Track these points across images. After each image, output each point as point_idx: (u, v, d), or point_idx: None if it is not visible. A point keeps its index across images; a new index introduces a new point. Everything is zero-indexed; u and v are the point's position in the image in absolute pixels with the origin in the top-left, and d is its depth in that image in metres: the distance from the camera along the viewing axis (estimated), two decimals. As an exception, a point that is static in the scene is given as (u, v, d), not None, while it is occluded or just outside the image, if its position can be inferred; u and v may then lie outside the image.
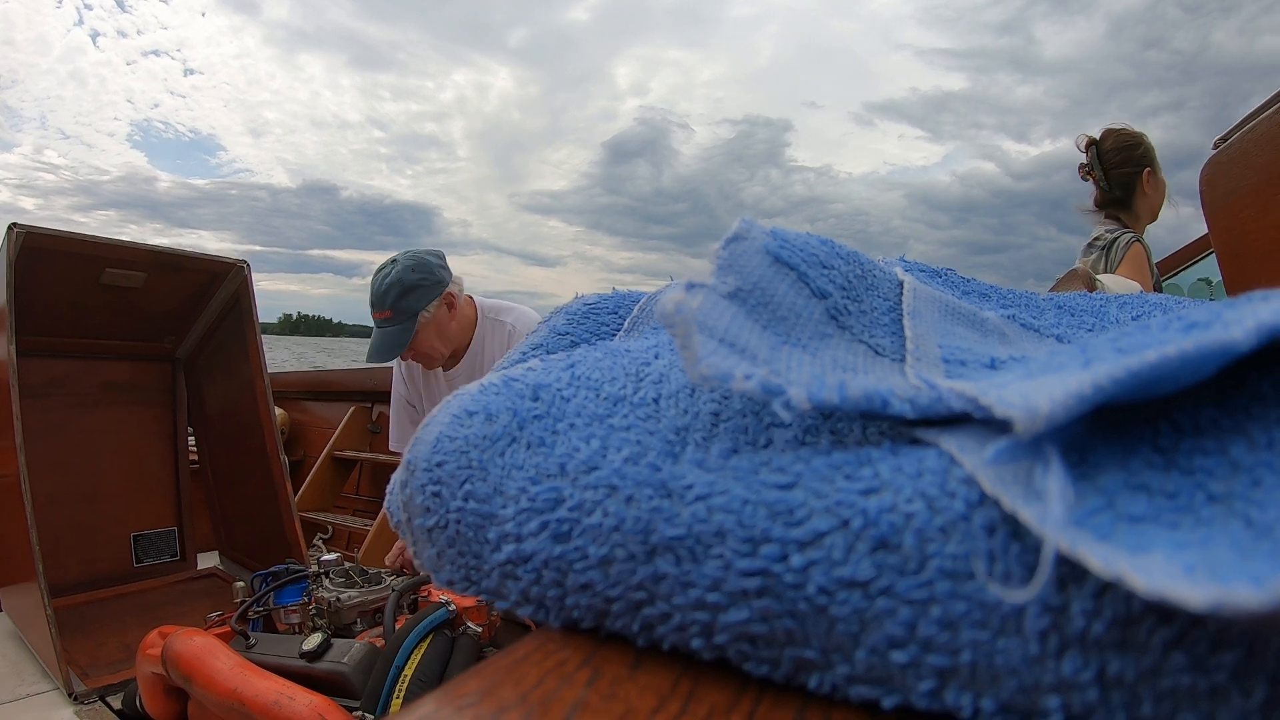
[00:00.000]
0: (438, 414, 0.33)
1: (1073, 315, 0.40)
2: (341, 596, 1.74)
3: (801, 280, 0.29)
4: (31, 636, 2.55)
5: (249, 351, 3.09)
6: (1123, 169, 2.17)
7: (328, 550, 1.95)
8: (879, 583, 0.19)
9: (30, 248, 2.54)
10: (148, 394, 3.39)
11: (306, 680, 1.35)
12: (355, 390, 4.08)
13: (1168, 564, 0.15)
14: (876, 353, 0.29)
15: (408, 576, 1.86)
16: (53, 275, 2.73)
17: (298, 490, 3.50)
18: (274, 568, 1.93)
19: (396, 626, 1.45)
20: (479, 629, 1.50)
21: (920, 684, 0.19)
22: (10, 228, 2.47)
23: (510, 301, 2.23)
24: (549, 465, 0.27)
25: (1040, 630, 0.18)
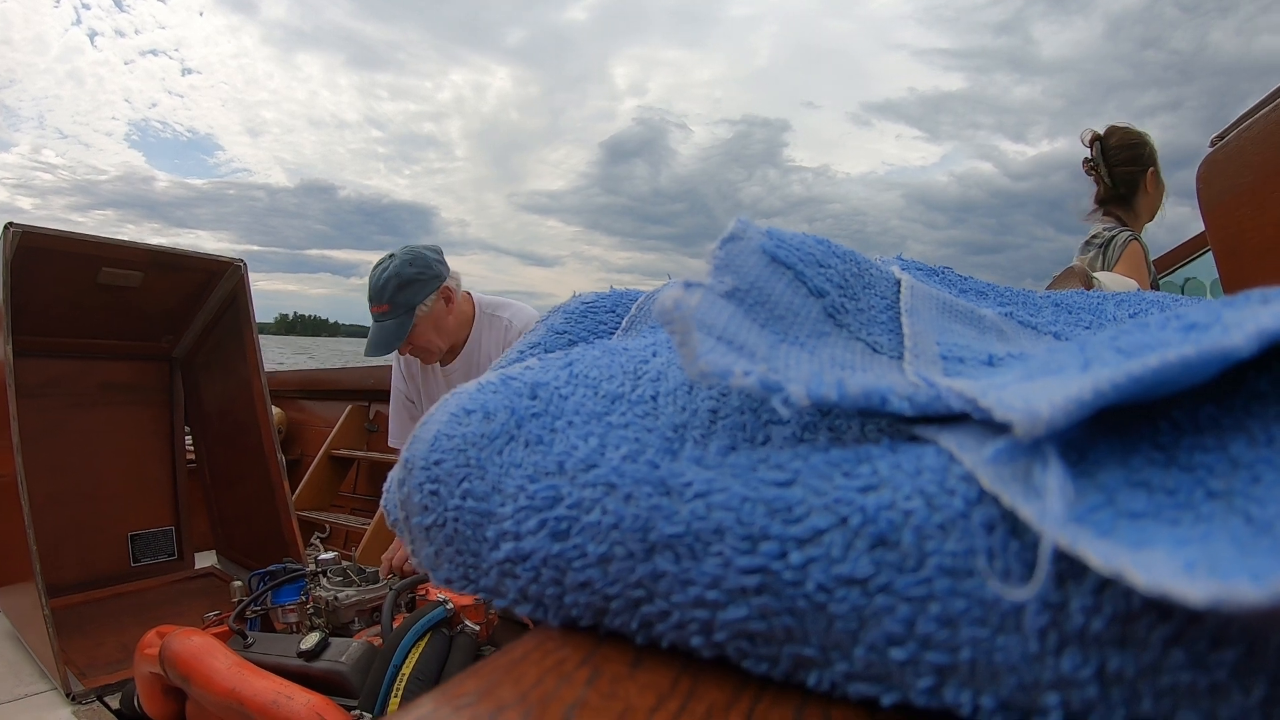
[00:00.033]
0: (435, 412, 0.32)
1: (1070, 313, 0.40)
2: (339, 595, 1.74)
3: (798, 279, 0.29)
4: (29, 637, 2.54)
5: (246, 351, 3.09)
6: (1128, 167, 2.18)
7: (325, 549, 1.95)
8: (878, 580, 0.19)
9: (27, 247, 2.53)
10: (145, 393, 3.38)
11: (304, 679, 1.35)
12: (352, 389, 4.07)
13: (1168, 560, 0.15)
14: (874, 350, 0.29)
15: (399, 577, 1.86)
16: (49, 275, 2.73)
17: (295, 489, 3.49)
18: (271, 567, 1.93)
19: (394, 625, 1.45)
20: (477, 627, 1.50)
21: (919, 681, 0.19)
22: (6, 227, 2.46)
23: (509, 299, 2.24)
24: (547, 463, 0.27)
25: (1040, 627, 0.18)
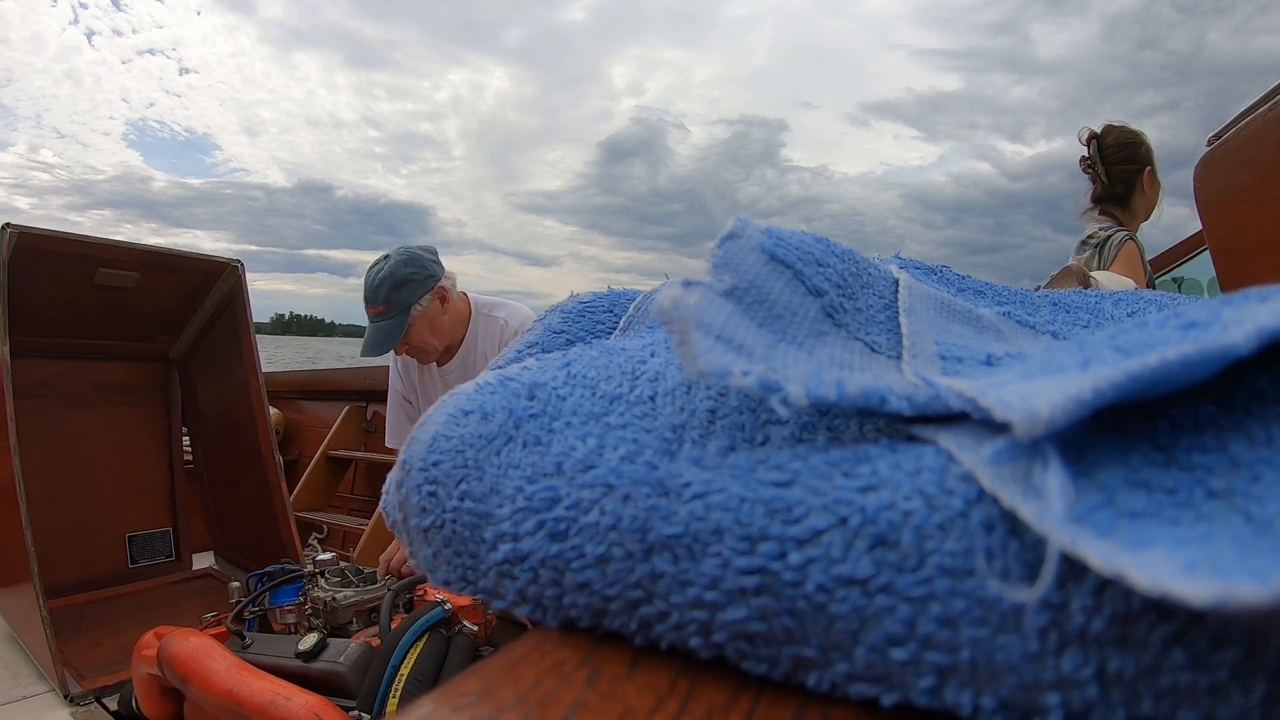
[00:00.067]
0: (433, 413, 0.32)
1: (1068, 312, 0.40)
2: (337, 596, 1.74)
3: (797, 278, 0.29)
4: (27, 638, 2.54)
5: (243, 351, 3.08)
6: (1125, 165, 2.18)
7: (323, 550, 1.95)
8: (878, 580, 0.19)
9: (23, 248, 2.52)
10: (142, 394, 3.38)
11: (302, 680, 1.35)
12: (350, 389, 4.07)
13: (1168, 560, 0.15)
14: (873, 350, 0.29)
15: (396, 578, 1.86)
16: (46, 275, 2.72)
17: (292, 490, 3.49)
18: (269, 568, 1.93)
19: (392, 626, 1.45)
20: (475, 628, 1.50)
21: (920, 681, 0.19)
22: (3, 227, 2.46)
23: (505, 299, 2.24)
24: (545, 464, 0.27)
25: (1040, 627, 0.17)
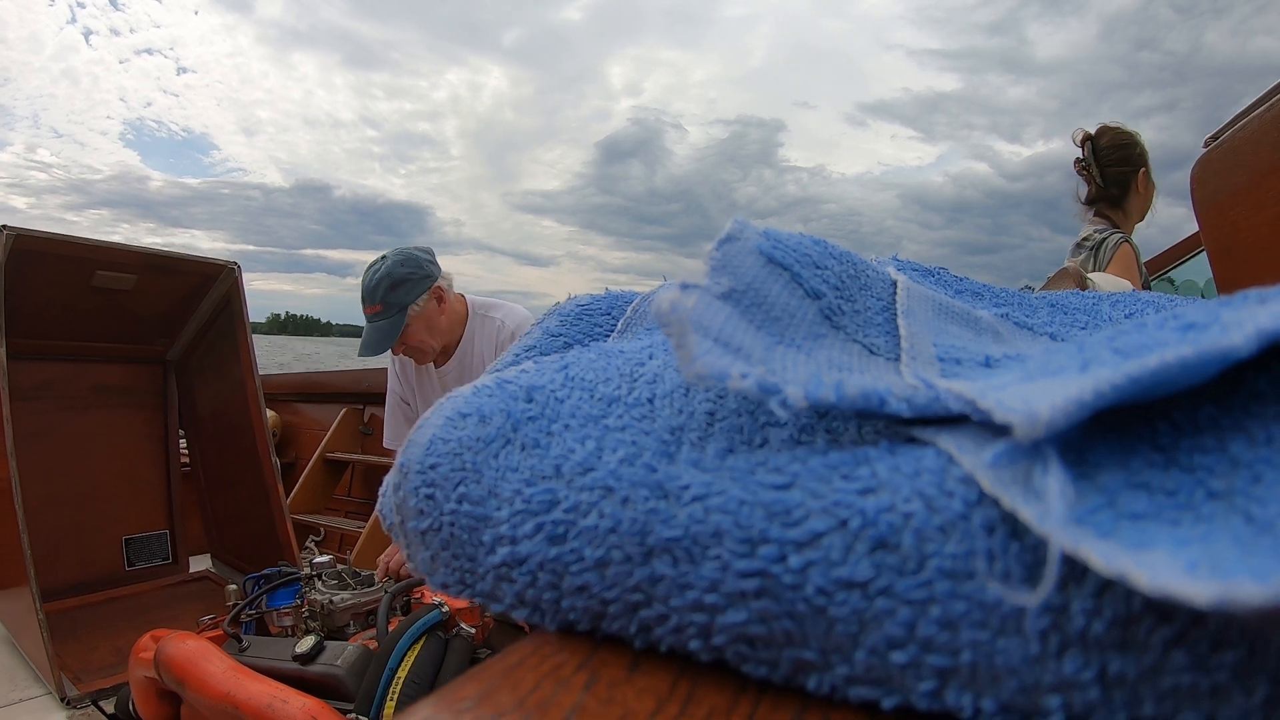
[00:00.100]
0: (431, 416, 0.32)
1: (1066, 313, 0.40)
2: (334, 599, 1.74)
3: (795, 280, 0.29)
4: (23, 641, 2.54)
5: (240, 353, 3.09)
6: (1119, 167, 2.19)
7: (320, 552, 1.95)
8: (878, 583, 0.19)
9: (20, 250, 2.52)
10: (139, 396, 3.38)
11: (300, 683, 1.35)
12: (347, 392, 4.07)
13: (1170, 561, 0.15)
14: (871, 352, 0.29)
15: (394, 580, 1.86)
16: (43, 277, 2.72)
17: (289, 492, 3.49)
18: (266, 570, 1.93)
19: (389, 629, 1.44)
20: (472, 630, 1.50)
21: (920, 684, 0.19)
22: (0, 230, 2.46)
23: (502, 300, 2.25)
24: (544, 467, 0.27)
25: (1041, 630, 0.17)
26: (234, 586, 1.98)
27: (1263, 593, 0.13)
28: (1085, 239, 2.20)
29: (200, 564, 3.49)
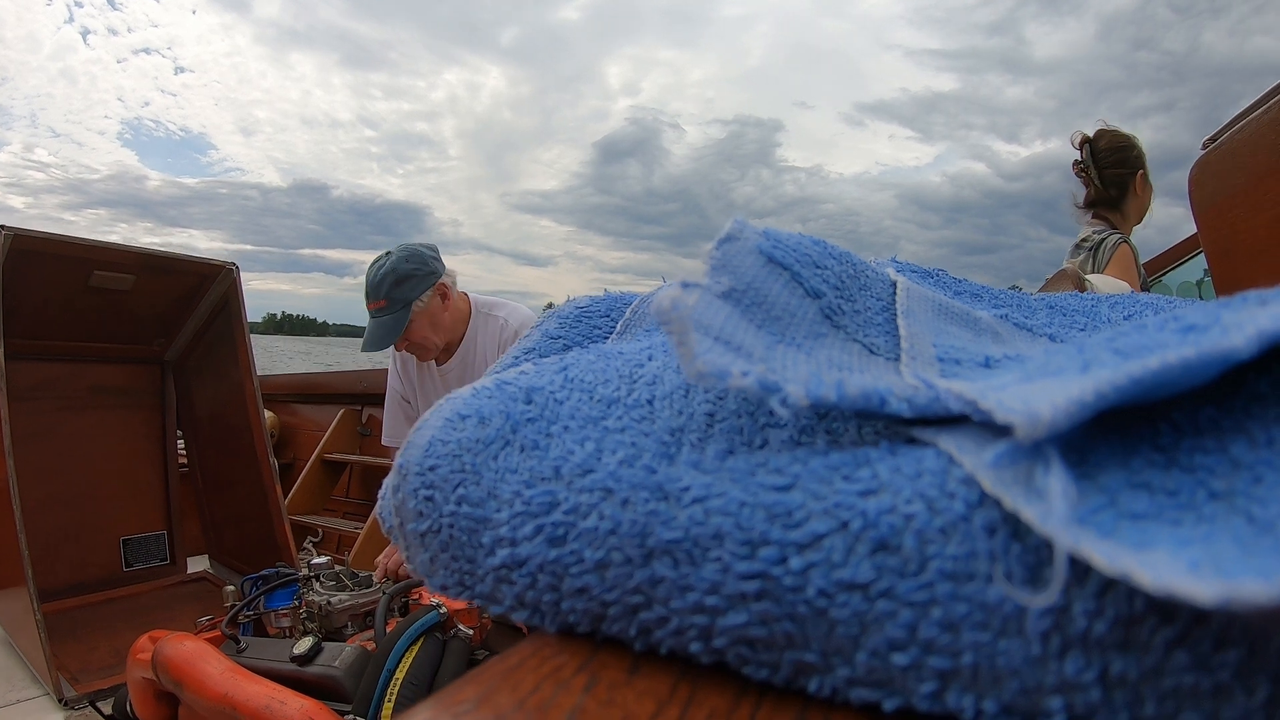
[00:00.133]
0: (429, 418, 0.32)
1: (1064, 315, 0.40)
2: (332, 600, 1.73)
3: (795, 280, 0.29)
4: (21, 642, 2.54)
5: (238, 354, 3.08)
6: (1117, 169, 2.19)
7: (318, 553, 1.95)
8: (879, 585, 0.19)
9: (18, 250, 2.52)
10: (137, 397, 3.37)
11: (297, 684, 1.35)
12: (345, 393, 4.06)
13: (1172, 561, 0.15)
14: (871, 352, 0.29)
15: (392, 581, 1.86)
16: (41, 277, 2.72)
17: (287, 493, 3.49)
18: (264, 571, 1.93)
19: (387, 630, 1.44)
20: (470, 631, 1.50)
21: (922, 686, 0.19)
22: (-3, 230, 2.46)
23: (505, 299, 2.25)
24: (543, 468, 0.27)
25: (1042, 631, 0.17)
26: (232, 587, 1.97)
27: (1266, 592, 0.13)
28: (1084, 240, 2.21)
29: (198, 565, 3.49)
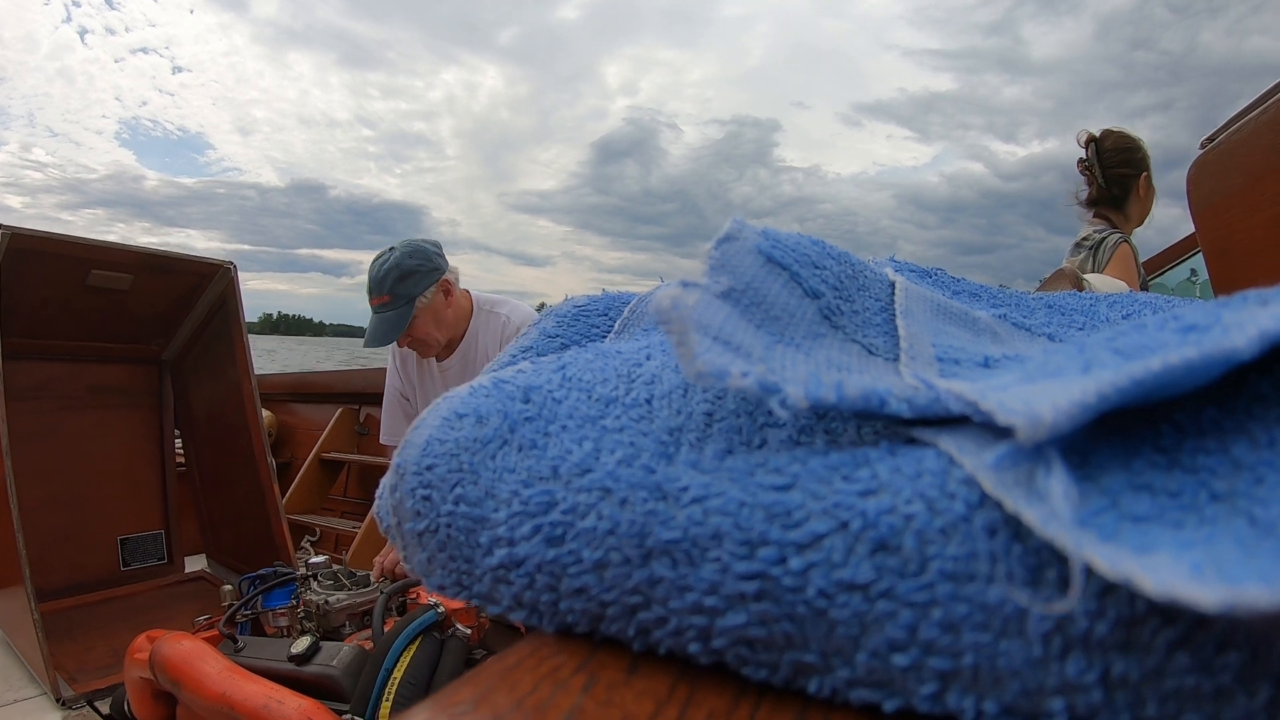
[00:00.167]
0: (427, 417, 0.32)
1: (1063, 314, 0.40)
2: (330, 599, 1.73)
3: (794, 280, 0.29)
4: (18, 641, 2.53)
5: (236, 353, 3.08)
6: (1122, 169, 2.20)
7: (315, 553, 1.94)
8: (879, 585, 0.19)
9: (16, 249, 2.52)
10: (134, 396, 3.37)
11: (295, 683, 1.35)
12: (342, 392, 4.06)
13: (1174, 564, 0.15)
14: (870, 352, 0.29)
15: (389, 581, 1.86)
16: (39, 277, 2.72)
17: (285, 493, 3.48)
18: (262, 570, 1.92)
19: (385, 629, 1.44)
20: (468, 631, 1.50)
21: (922, 687, 0.19)
22: (-6, 229, 2.46)
23: (507, 297, 2.25)
24: (541, 468, 0.27)
25: (1043, 632, 0.17)
26: (229, 587, 1.97)
27: (1268, 597, 0.13)
28: (1084, 239, 2.21)
29: (196, 564, 3.48)
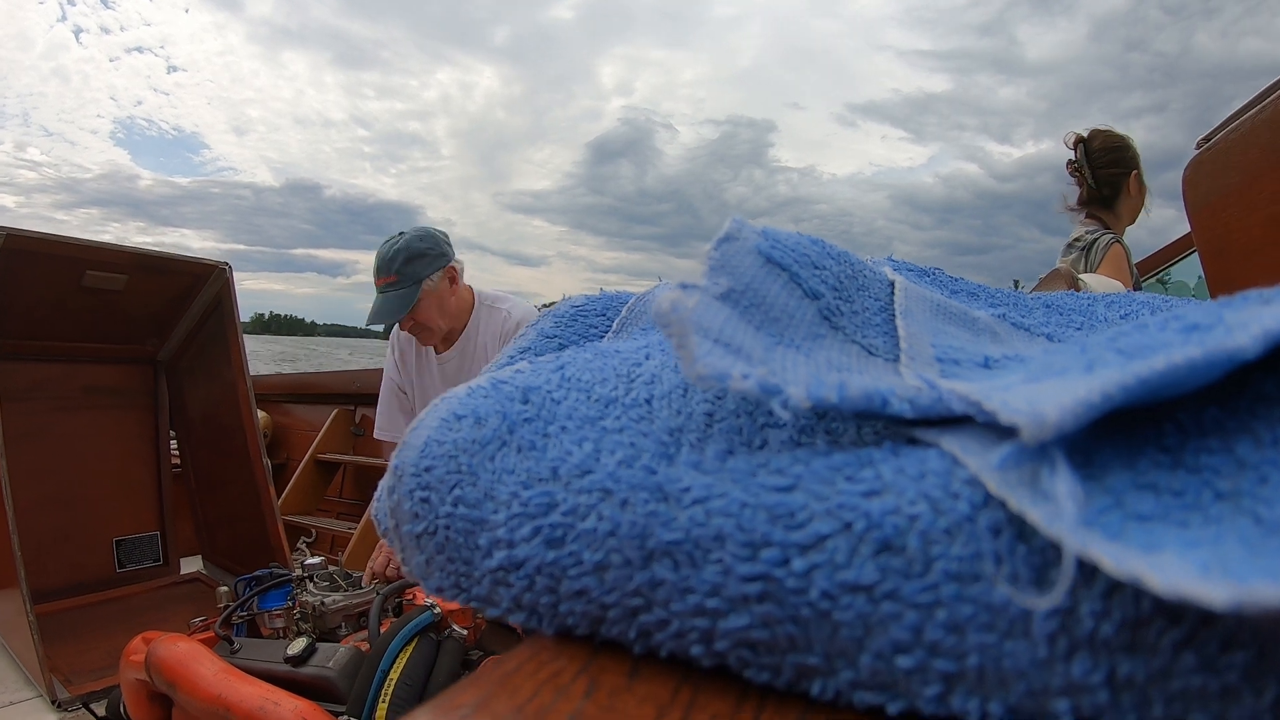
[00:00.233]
0: (425, 418, 0.32)
1: (1061, 314, 0.40)
2: (326, 600, 1.73)
3: (793, 281, 0.29)
4: (14, 643, 2.53)
5: (231, 354, 3.07)
6: (1111, 169, 2.20)
7: (311, 554, 1.94)
8: (883, 586, 0.19)
9: (11, 249, 2.51)
10: (130, 397, 3.36)
11: (291, 685, 1.34)
12: (338, 393, 4.06)
13: (1181, 563, 0.15)
14: (870, 353, 0.29)
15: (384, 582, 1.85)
16: (34, 277, 2.71)
17: (280, 494, 3.48)
18: (258, 572, 1.92)
19: (381, 630, 1.44)
20: (464, 632, 1.49)
21: (926, 689, 0.19)
22: (-10, 229, 2.46)
23: (509, 294, 2.26)
24: (541, 469, 0.26)
25: (1049, 633, 0.17)
26: (225, 588, 1.97)
27: (1277, 594, 0.13)
28: (1076, 239, 2.21)
29: (191, 566, 3.48)
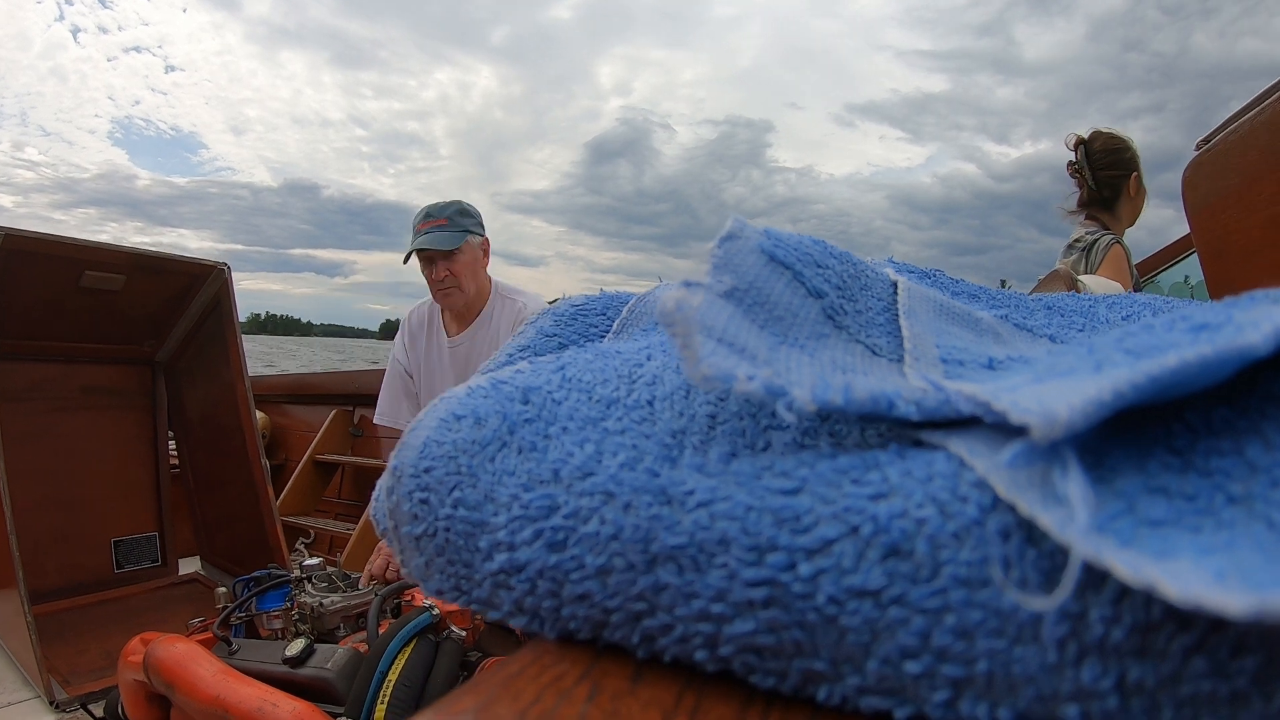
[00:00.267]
0: (424, 418, 0.32)
1: (1063, 316, 0.40)
2: (324, 602, 1.73)
3: (797, 280, 0.28)
4: (11, 644, 2.52)
5: (229, 354, 3.07)
6: (1111, 170, 2.20)
7: (310, 555, 1.94)
8: (891, 591, 0.19)
9: (9, 249, 2.51)
10: (128, 398, 3.35)
11: (290, 686, 1.34)
12: (337, 394, 4.05)
13: (1196, 570, 0.15)
14: (874, 353, 0.28)
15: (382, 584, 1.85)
16: (32, 277, 2.71)
17: (279, 494, 3.47)
18: (256, 573, 1.92)
19: (380, 631, 1.44)
20: (463, 633, 1.49)
21: (934, 695, 0.19)
22: (-12, 230, 2.45)
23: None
24: (542, 471, 0.26)
25: (1058, 638, 0.17)
26: (223, 589, 1.96)
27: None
28: (1076, 240, 2.22)
29: (189, 566, 3.47)
